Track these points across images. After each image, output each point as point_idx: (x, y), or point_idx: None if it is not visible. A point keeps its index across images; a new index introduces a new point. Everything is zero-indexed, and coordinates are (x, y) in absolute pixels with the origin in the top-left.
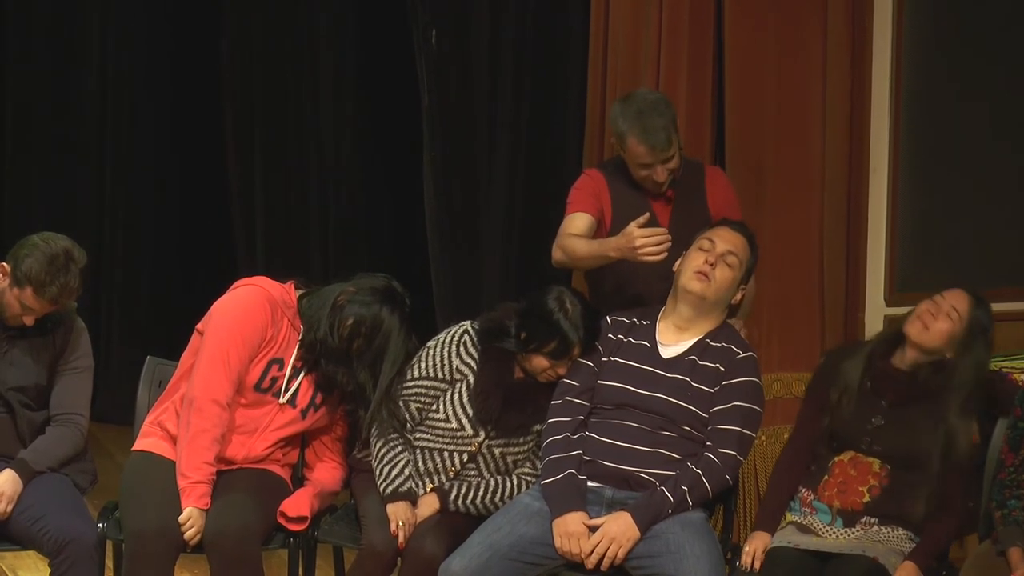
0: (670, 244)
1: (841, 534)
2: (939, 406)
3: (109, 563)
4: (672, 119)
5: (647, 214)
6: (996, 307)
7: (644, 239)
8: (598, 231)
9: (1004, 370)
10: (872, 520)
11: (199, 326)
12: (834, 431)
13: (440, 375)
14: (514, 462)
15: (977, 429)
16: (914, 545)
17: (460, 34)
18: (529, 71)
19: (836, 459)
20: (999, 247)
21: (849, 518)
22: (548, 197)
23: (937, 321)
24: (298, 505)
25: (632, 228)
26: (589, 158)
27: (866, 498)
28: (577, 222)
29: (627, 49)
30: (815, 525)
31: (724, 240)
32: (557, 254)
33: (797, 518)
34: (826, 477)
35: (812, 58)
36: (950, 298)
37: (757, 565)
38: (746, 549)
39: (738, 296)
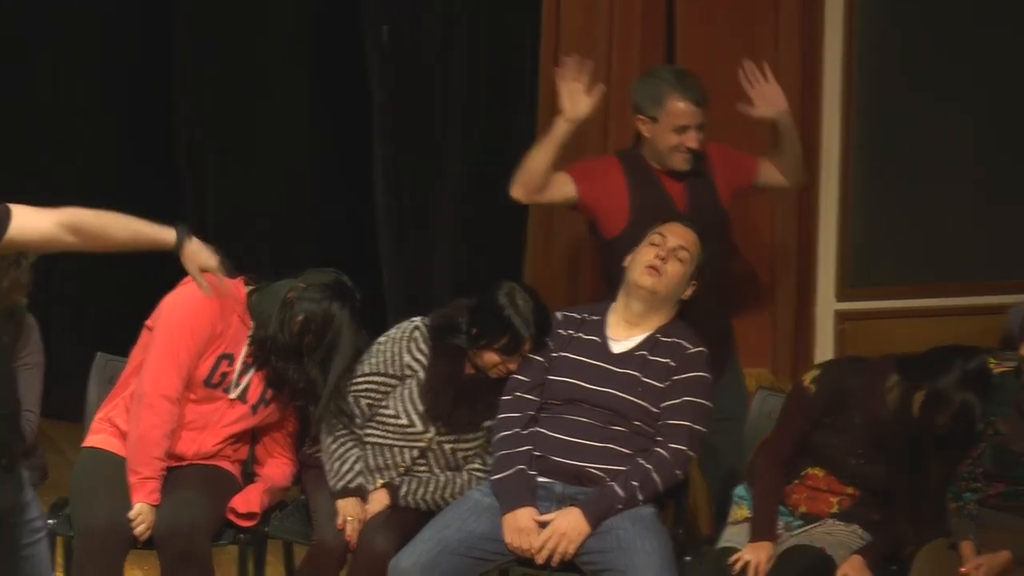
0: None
1: (796, 533)
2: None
3: (59, 559)
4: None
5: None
6: (946, 302)
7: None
8: (613, 220)
9: None
10: (834, 521)
11: (149, 322)
12: (813, 447)
13: (391, 371)
14: (464, 458)
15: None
16: (863, 542)
17: (412, 30)
18: (481, 67)
19: (810, 471)
20: (950, 242)
21: (811, 520)
22: (499, 193)
23: None
24: (248, 501)
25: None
26: None
27: (835, 508)
28: (561, 178)
29: (579, 36)
30: None
31: (675, 235)
32: (516, 190)
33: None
34: (796, 482)
35: (764, 47)
36: None
37: None
38: (747, 557)
39: (688, 292)
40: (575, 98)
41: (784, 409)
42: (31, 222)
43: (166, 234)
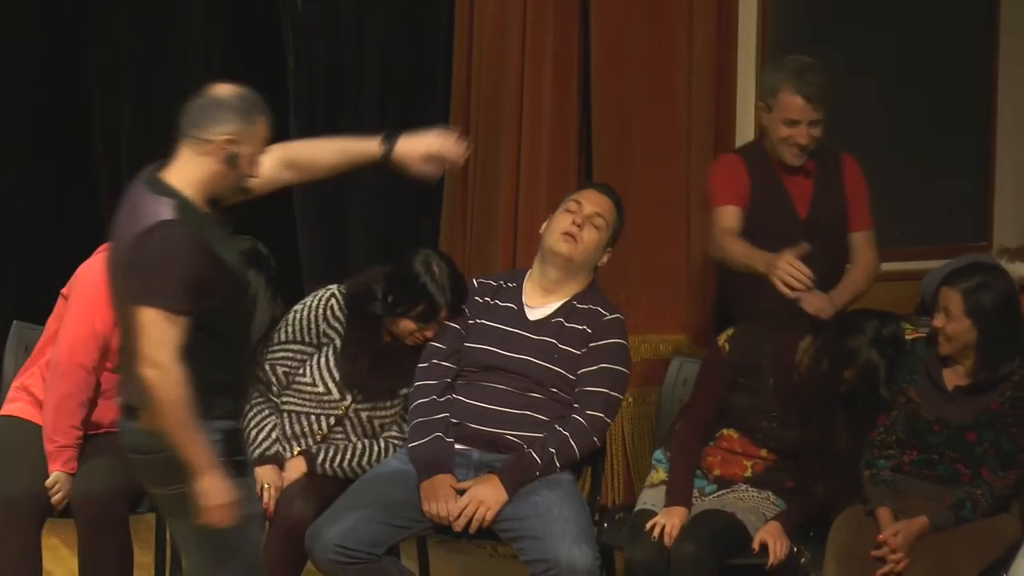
0: (806, 288)
1: (709, 498)
2: (830, 410)
3: None
4: (826, 83)
5: (806, 245)
6: None
7: (789, 266)
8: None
9: None
10: (746, 487)
11: (64, 290)
12: (728, 408)
13: (307, 339)
14: (381, 425)
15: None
16: (777, 509)
17: (327, 0)
18: (396, 35)
19: (725, 432)
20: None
21: (725, 484)
22: None
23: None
24: None
25: (787, 253)
26: (456, 120)
27: (748, 472)
28: (728, 216)
29: (493, 11)
30: None
31: (591, 202)
32: (715, 251)
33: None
34: (711, 444)
35: (678, 20)
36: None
37: (668, 541)
38: (662, 521)
39: (604, 259)
40: (776, 272)
41: (701, 372)
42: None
43: (371, 146)
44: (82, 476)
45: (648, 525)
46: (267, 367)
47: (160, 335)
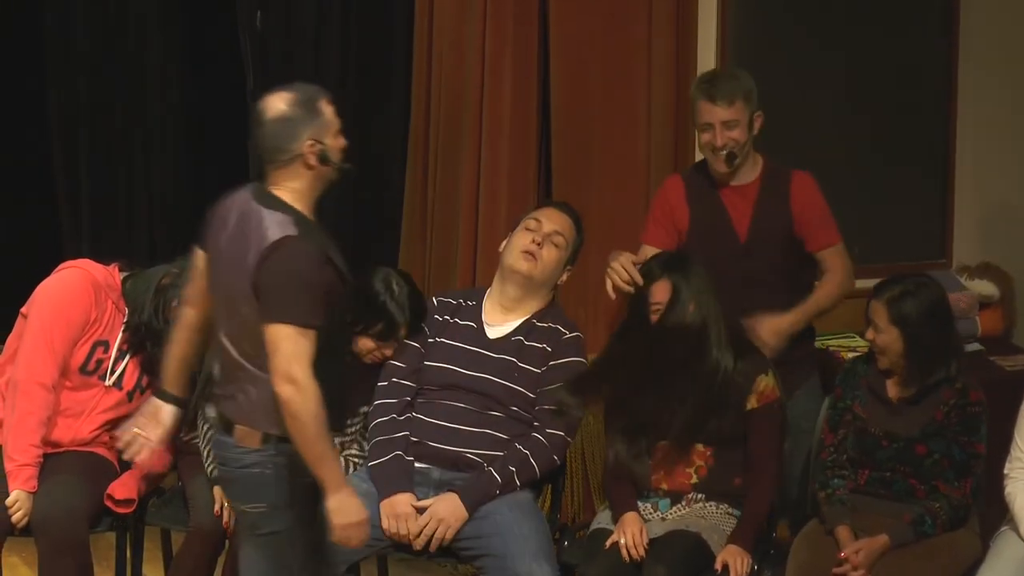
0: (629, 292)
1: (667, 516)
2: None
3: None
4: (745, 90)
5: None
6: None
7: (620, 267)
8: (678, 237)
9: (831, 349)
10: (699, 496)
11: (23, 309)
12: (642, 425)
13: None
14: (341, 444)
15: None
16: (735, 520)
17: (285, 16)
18: (355, 51)
19: (657, 443)
20: None
21: (676, 497)
22: (374, 180)
23: None
24: (125, 488)
25: (625, 254)
26: (415, 138)
27: (694, 479)
28: (644, 254)
29: (452, 29)
30: (639, 507)
31: (551, 220)
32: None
33: None
34: (649, 462)
35: (637, 35)
36: None
37: (641, 551)
38: (621, 540)
39: (564, 277)
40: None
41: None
42: None
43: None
44: (42, 495)
45: (608, 544)
46: None
47: (294, 350)
